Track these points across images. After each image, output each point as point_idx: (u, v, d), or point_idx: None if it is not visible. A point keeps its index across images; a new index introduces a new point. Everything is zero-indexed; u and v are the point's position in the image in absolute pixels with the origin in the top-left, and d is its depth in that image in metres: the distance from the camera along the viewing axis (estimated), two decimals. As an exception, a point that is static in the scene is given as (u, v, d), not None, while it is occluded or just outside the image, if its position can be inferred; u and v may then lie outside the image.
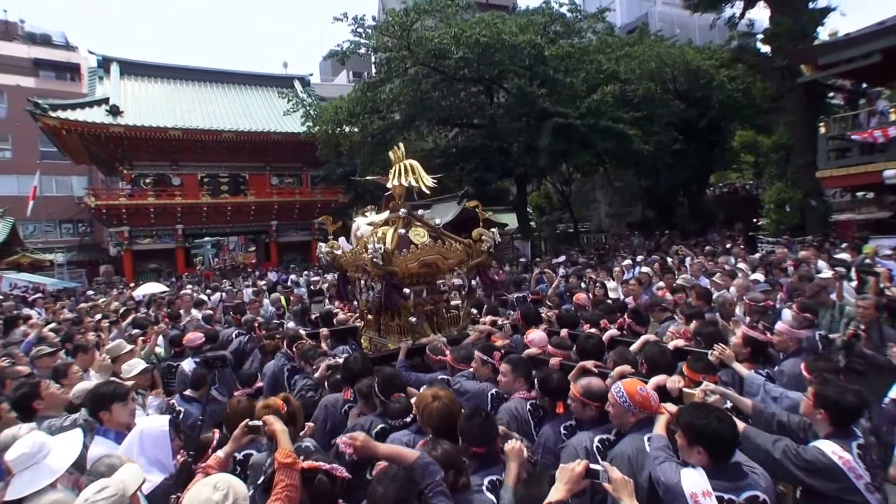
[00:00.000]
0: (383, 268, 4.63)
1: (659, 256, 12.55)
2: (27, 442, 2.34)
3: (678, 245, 15.12)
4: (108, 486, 1.94)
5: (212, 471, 2.26)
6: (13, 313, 9.95)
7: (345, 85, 36.32)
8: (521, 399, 3.18)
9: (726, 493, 2.06)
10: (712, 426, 2.13)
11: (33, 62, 33.75)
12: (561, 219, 27.32)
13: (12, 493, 2.22)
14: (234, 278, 20.19)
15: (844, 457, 2.23)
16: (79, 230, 32.72)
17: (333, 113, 19.49)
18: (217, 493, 1.78)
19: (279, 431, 2.32)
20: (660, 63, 19.70)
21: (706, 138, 21.99)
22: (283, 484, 2.03)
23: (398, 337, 4.87)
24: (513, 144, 18.82)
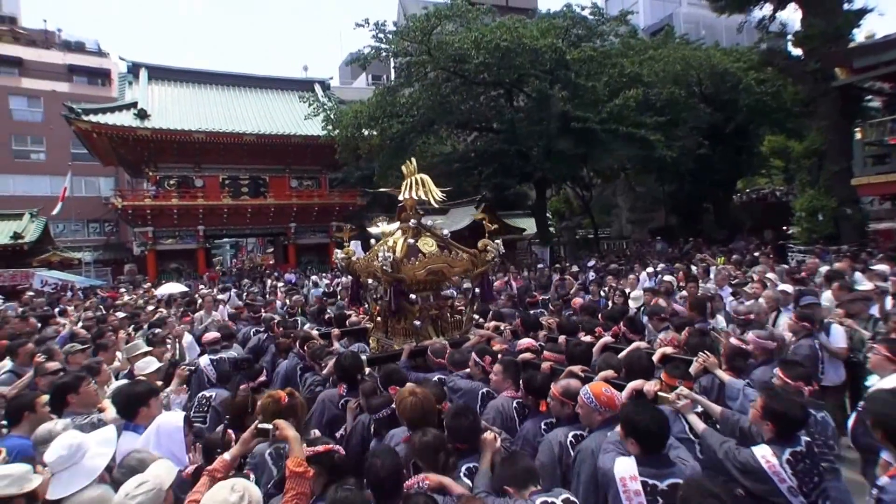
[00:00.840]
0: (392, 275, 4.93)
1: (684, 264, 12.16)
2: (65, 443, 2.40)
3: (703, 253, 14.65)
4: (146, 481, 2.06)
5: (218, 474, 2.28)
6: (45, 310, 10.28)
7: (364, 88, 36.54)
8: (508, 398, 3.45)
9: (651, 479, 2.35)
10: (644, 422, 2.42)
11: (68, 68, 34.82)
12: (581, 224, 26.89)
13: (52, 494, 2.31)
14: (253, 279, 20.37)
15: (771, 461, 2.43)
16: (105, 230, 33.59)
17: (353, 117, 19.53)
18: (234, 496, 1.85)
19: (292, 438, 2.32)
20: (685, 66, 19.22)
21: (733, 143, 21.35)
22: (294, 492, 2.09)
23: (403, 339, 5.13)
24: (532, 149, 18.55)
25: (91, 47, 37.84)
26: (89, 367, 4.36)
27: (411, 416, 2.82)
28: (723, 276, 8.60)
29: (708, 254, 14.67)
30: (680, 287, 8.59)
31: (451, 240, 5.69)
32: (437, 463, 2.48)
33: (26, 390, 4.33)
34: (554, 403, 3.06)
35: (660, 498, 2.33)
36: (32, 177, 31.80)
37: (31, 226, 24.57)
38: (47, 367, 4.57)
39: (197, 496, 2.16)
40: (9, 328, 7.70)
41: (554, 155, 18.00)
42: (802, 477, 2.44)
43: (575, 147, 17.50)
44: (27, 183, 31.52)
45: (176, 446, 2.85)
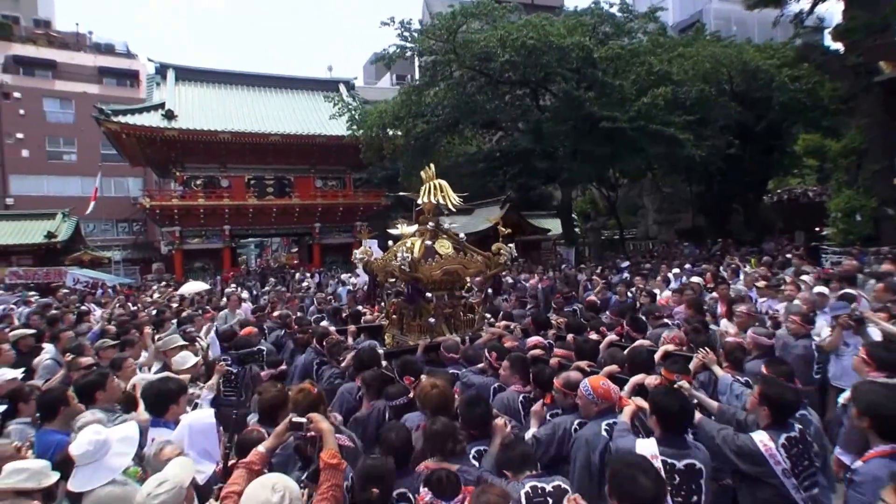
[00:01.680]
0: (409, 274, 5.27)
1: (713, 266, 11.90)
2: (90, 439, 2.46)
3: (732, 255, 14.30)
4: (166, 480, 2.10)
5: (255, 466, 2.32)
6: (78, 307, 10.58)
7: (388, 88, 36.62)
8: (515, 392, 3.71)
9: (670, 458, 2.54)
10: (665, 403, 2.66)
11: (98, 70, 35.61)
12: (606, 225, 26.51)
13: (74, 486, 2.38)
14: (278, 278, 20.52)
15: (768, 445, 2.63)
16: (133, 229, 34.25)
17: (378, 116, 19.54)
18: (275, 495, 1.87)
19: (326, 431, 2.38)
20: (715, 63, 18.76)
21: (764, 142, 20.78)
22: (329, 484, 2.15)
23: (418, 335, 5.47)
24: (558, 149, 18.33)
25: (120, 49, 38.65)
26: (113, 363, 4.54)
27: (435, 405, 3.05)
28: (752, 278, 8.45)
29: (737, 256, 14.32)
30: (708, 289, 8.47)
31: (467, 242, 6.06)
32: (445, 449, 2.67)
33: (59, 385, 4.44)
34: (557, 395, 3.35)
35: (677, 476, 2.52)
36: (64, 177, 32.60)
37: (64, 225, 25.21)
38: (81, 362, 4.75)
39: (235, 487, 2.21)
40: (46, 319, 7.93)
41: (580, 155, 17.76)
42: (795, 460, 2.67)
43: (602, 147, 17.23)
44: (59, 183, 32.34)
45: (210, 443, 2.94)
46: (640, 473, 1.99)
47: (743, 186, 21.72)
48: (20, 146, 31.76)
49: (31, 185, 31.83)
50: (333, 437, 2.40)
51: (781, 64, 19.12)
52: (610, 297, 9.07)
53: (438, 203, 5.58)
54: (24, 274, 21.35)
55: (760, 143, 20.71)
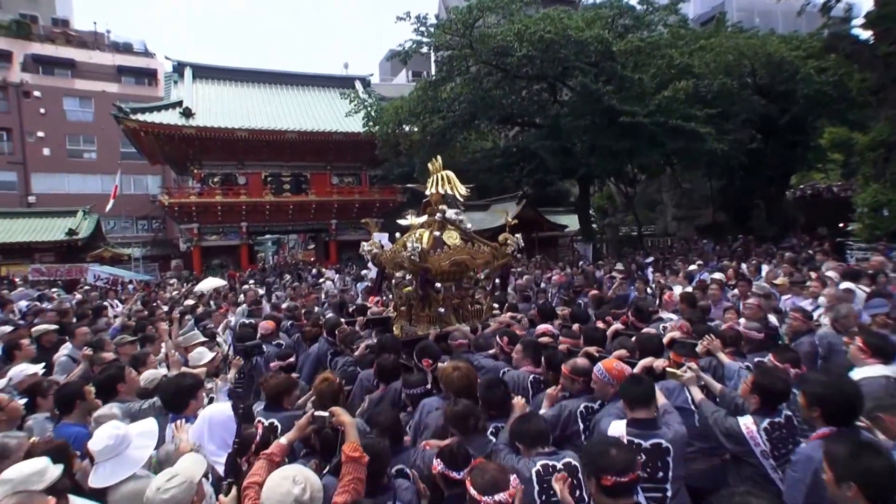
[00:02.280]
0: (420, 265, 5.37)
1: (734, 263, 11.68)
2: (109, 433, 2.48)
3: (756, 253, 14.01)
4: (177, 475, 2.11)
5: (275, 458, 2.34)
6: (97, 303, 10.63)
7: (404, 84, 36.51)
8: (525, 372, 3.91)
9: (636, 439, 2.73)
10: (633, 390, 2.87)
11: (116, 69, 35.93)
12: (624, 221, 26.17)
13: (95, 482, 2.40)
14: (293, 274, 20.58)
15: (751, 428, 2.85)
16: (153, 227, 34.62)
17: (394, 113, 19.48)
18: (297, 487, 1.89)
19: (348, 424, 2.39)
20: (737, 55, 18.37)
21: (787, 136, 20.34)
22: (350, 477, 2.16)
23: (427, 325, 5.57)
24: (576, 144, 18.11)
25: (138, 48, 38.97)
26: (135, 358, 4.57)
27: (458, 387, 3.20)
28: (773, 275, 8.31)
29: (760, 253, 14.04)
30: (730, 286, 8.29)
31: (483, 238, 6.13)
32: (467, 428, 2.83)
33: (77, 379, 4.49)
34: (565, 380, 3.45)
35: (643, 454, 2.70)
36: (85, 175, 33.04)
37: (85, 222, 25.55)
38: (104, 356, 4.83)
39: (256, 479, 2.21)
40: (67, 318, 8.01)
41: (598, 150, 17.53)
42: (776, 443, 2.85)
43: (620, 142, 16.99)
44: (80, 181, 32.77)
45: (229, 435, 2.95)
46: (611, 448, 2.21)
47: (765, 182, 21.30)
48: (41, 145, 32.26)
49: (52, 183, 32.34)
50: (355, 430, 2.41)
51: (807, 55, 18.70)
52: (629, 294, 8.91)
53: (446, 194, 5.68)
54: (47, 271, 21.71)
55: (783, 137, 20.30)
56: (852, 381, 2.78)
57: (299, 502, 1.91)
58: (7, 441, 2.64)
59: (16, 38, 33.12)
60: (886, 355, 3.52)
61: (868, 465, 1.94)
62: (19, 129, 31.91)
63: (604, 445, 2.26)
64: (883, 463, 1.95)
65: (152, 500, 2.05)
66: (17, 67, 32.54)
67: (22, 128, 31.94)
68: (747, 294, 7.02)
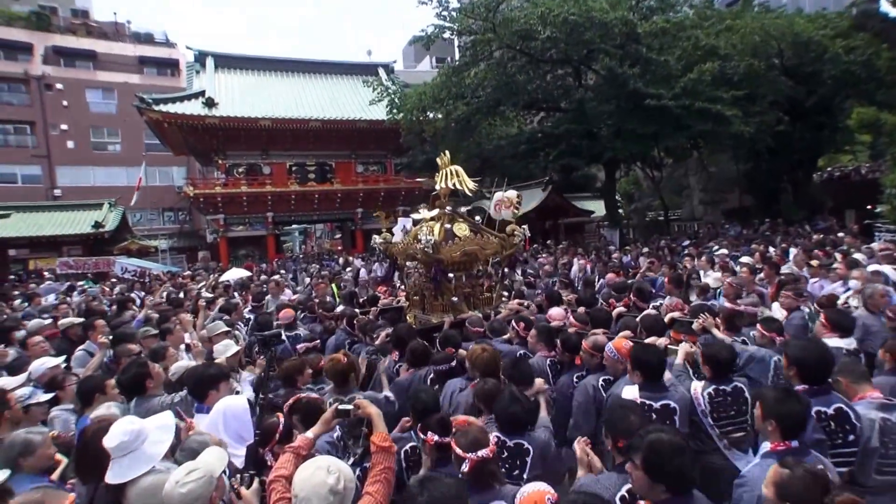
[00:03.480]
0: (433, 256, 5.64)
1: (762, 246, 11.64)
2: (125, 429, 2.40)
3: (787, 236, 13.95)
4: (196, 469, 2.08)
5: (302, 452, 2.33)
6: (123, 296, 10.86)
7: (428, 71, 36.31)
8: (542, 357, 4.25)
9: (648, 400, 3.14)
10: (645, 357, 3.24)
11: (138, 60, 36.08)
12: (650, 206, 26.03)
13: (111, 478, 2.33)
14: (320, 263, 20.83)
15: (697, 390, 3.33)
16: (179, 218, 34.93)
17: (418, 99, 19.49)
18: (331, 477, 1.90)
19: (374, 415, 2.43)
20: (764, 36, 18.13)
21: (815, 118, 20.10)
22: (382, 466, 2.20)
23: (441, 314, 5.85)
24: (601, 128, 18.03)
25: (159, 38, 39.18)
26: (155, 352, 4.60)
27: (484, 366, 3.53)
28: (801, 258, 8.26)
29: (787, 236, 13.97)
30: (758, 269, 8.17)
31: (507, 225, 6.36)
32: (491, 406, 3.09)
33: (98, 372, 4.62)
34: (585, 356, 3.88)
35: (654, 414, 3.10)
36: (109, 168, 33.30)
37: (110, 215, 25.59)
38: (129, 348, 4.82)
39: (283, 472, 2.20)
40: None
41: (624, 134, 17.47)
42: (717, 407, 3.30)
43: (646, 125, 16.91)
44: (105, 174, 33.09)
45: (244, 428, 2.95)
46: (630, 414, 2.50)
47: (792, 164, 21.11)
48: (65, 138, 32.53)
49: (77, 176, 32.62)
50: (382, 420, 2.44)
51: (835, 34, 18.41)
52: (656, 279, 8.83)
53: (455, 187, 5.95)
54: (75, 264, 21.90)
55: (811, 118, 20.06)
56: (824, 346, 3.20)
57: (334, 492, 1.89)
58: (31, 437, 2.67)
59: (36, 30, 33.27)
60: (844, 330, 4.03)
61: (786, 408, 2.42)
62: (42, 123, 32.13)
63: (623, 411, 2.55)
64: (798, 408, 2.43)
65: (171, 494, 2.02)
66: (39, 60, 32.71)
67: (45, 121, 32.16)
68: (774, 278, 7.01)
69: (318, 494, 1.87)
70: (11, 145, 32.21)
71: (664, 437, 2.05)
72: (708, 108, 16.16)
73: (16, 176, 31.75)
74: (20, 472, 2.57)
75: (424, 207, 6.78)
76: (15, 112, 32.06)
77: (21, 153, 31.92)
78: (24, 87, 32.36)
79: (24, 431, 2.74)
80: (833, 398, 2.93)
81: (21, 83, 32.23)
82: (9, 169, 31.51)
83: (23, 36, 32.64)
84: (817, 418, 2.82)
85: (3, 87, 32.26)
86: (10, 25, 32.78)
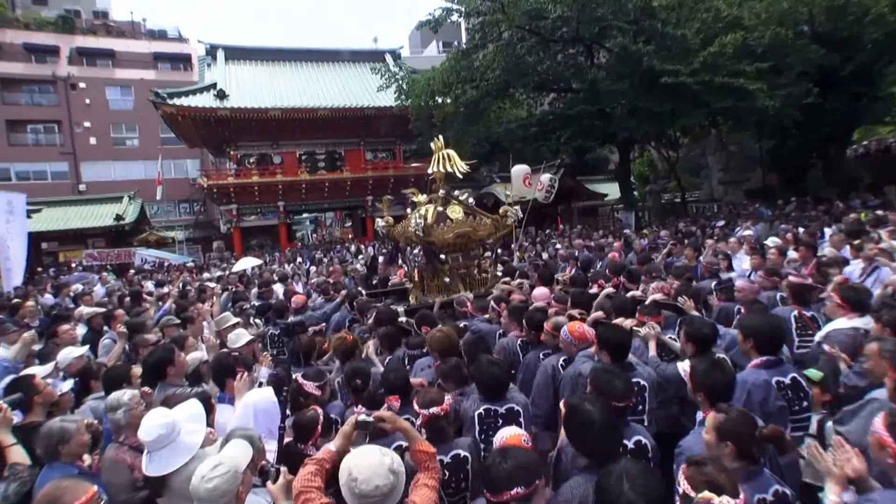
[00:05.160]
0: (423, 238, 5.93)
1: (792, 226, 10.94)
2: (160, 422, 2.46)
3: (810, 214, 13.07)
4: (221, 463, 2.07)
5: (326, 465, 2.21)
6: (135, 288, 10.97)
7: (435, 56, 35.79)
8: (514, 337, 4.39)
9: None
10: (610, 337, 3.29)
11: (153, 56, 36.70)
12: (666, 188, 25.09)
13: (152, 470, 2.42)
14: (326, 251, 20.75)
15: (687, 370, 2.99)
16: (194, 209, 35.54)
17: (426, 84, 19.05)
18: (387, 458, 1.92)
19: (405, 427, 2.42)
20: (793, 2, 16.95)
21: (850, 87, 18.75)
22: (437, 469, 2.24)
23: (437, 294, 6.11)
24: (615, 108, 17.31)
25: (172, 34, 39.63)
26: (175, 341, 4.62)
27: (440, 347, 3.75)
28: (839, 238, 7.66)
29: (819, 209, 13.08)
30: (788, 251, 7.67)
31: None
32: (456, 382, 3.36)
33: (121, 361, 4.70)
34: (547, 336, 3.97)
35: None
36: (128, 162, 34.13)
37: (130, 207, 26.41)
38: (147, 338, 4.91)
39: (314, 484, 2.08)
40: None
41: (639, 113, 16.72)
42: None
43: (662, 104, 16.13)
44: (124, 168, 33.89)
45: (272, 423, 2.95)
46: (614, 377, 2.61)
47: (822, 139, 19.84)
48: (88, 134, 33.54)
49: (99, 171, 33.64)
50: (414, 429, 2.45)
51: (879, -7, 16.98)
52: (673, 261, 8.44)
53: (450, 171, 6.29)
54: (99, 255, 22.69)
55: (845, 88, 18.71)
56: (776, 318, 3.40)
57: (392, 471, 1.90)
58: (66, 425, 2.69)
59: (62, 33, 34.32)
60: (861, 308, 3.81)
61: (712, 379, 2.63)
62: (68, 121, 33.25)
63: (609, 375, 2.65)
64: (724, 379, 2.65)
65: (196, 489, 2.02)
66: (64, 61, 33.76)
67: (70, 119, 33.24)
68: (811, 259, 6.55)
69: (378, 473, 1.86)
70: (42, 144, 33.56)
71: (587, 406, 2.22)
72: (729, 82, 15.33)
73: (46, 173, 33.08)
74: (58, 459, 2.63)
75: (417, 192, 7.03)
76: (45, 112, 33.36)
77: (50, 151, 33.28)
78: (52, 88, 33.52)
79: (58, 420, 2.78)
80: (788, 368, 3.07)
81: (49, 84, 33.46)
82: (40, 166, 32.95)
83: (51, 39, 33.82)
84: (777, 388, 2.94)
85: (34, 88, 33.61)
86: (42, 30, 34.09)
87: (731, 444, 2.10)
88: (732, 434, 2.10)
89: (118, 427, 2.93)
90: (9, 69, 32.36)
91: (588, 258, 9.49)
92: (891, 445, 1.92)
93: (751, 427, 2.13)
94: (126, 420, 2.89)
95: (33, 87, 33.53)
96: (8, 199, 11.81)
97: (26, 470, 2.64)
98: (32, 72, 33.16)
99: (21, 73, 32.79)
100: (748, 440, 2.10)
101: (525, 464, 1.93)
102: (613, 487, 1.75)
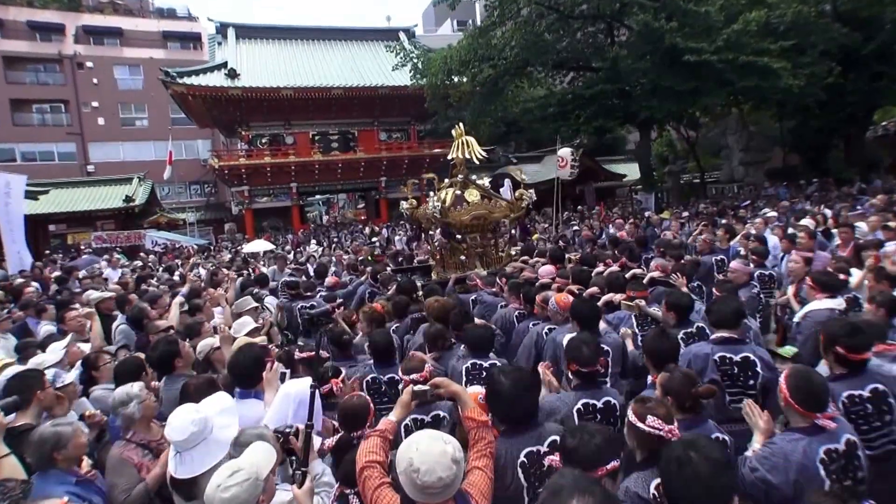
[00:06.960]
0: (440, 220, 6.47)
1: (816, 208, 10.86)
2: (192, 419, 2.28)
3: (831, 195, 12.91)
4: (240, 470, 1.88)
5: (389, 436, 2.22)
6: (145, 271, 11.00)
7: (449, 35, 35.27)
8: (513, 308, 4.90)
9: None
10: (580, 309, 3.73)
11: (162, 35, 36.20)
12: (685, 169, 24.84)
13: (183, 472, 2.23)
14: (343, 233, 20.70)
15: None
16: (205, 191, 35.36)
17: (443, 62, 18.78)
18: (449, 446, 1.82)
19: (460, 392, 2.37)
20: (815, -21, 16.61)
21: (872, 67, 18.50)
22: (486, 441, 2.17)
23: (455, 271, 6.63)
24: (636, 87, 17.03)
25: (181, 12, 39.14)
26: (189, 327, 4.54)
27: (435, 315, 4.26)
28: (876, 220, 7.48)
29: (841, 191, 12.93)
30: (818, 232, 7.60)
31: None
32: (437, 345, 3.83)
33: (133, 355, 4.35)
34: (538, 308, 4.40)
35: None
36: (138, 143, 33.76)
37: (140, 189, 26.06)
38: (158, 325, 4.74)
39: (374, 457, 2.07)
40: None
41: (660, 92, 16.46)
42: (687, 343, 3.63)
43: (684, 82, 15.86)
44: (134, 149, 33.56)
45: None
46: (584, 345, 2.88)
47: (843, 119, 19.60)
48: (96, 115, 33.13)
49: (108, 152, 33.26)
50: (468, 395, 2.38)
51: (902, -29, 16.65)
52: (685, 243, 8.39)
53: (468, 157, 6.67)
54: (109, 238, 22.55)
55: (866, 68, 18.46)
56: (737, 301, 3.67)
57: (455, 460, 1.81)
58: (60, 429, 2.48)
59: (67, 11, 33.80)
60: (833, 290, 4.13)
61: (656, 345, 3.02)
62: (75, 101, 32.81)
63: (579, 342, 2.93)
64: (667, 345, 3.03)
65: (212, 498, 1.83)
66: (70, 39, 33.24)
67: (77, 99, 32.81)
68: (849, 240, 6.51)
69: (441, 464, 1.77)
70: (48, 124, 33.06)
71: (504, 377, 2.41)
72: (753, 61, 15.02)
73: (53, 153, 32.63)
74: (54, 466, 2.45)
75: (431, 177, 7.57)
76: (51, 91, 32.90)
77: (57, 131, 32.75)
78: (59, 67, 33.01)
79: (50, 424, 2.56)
80: (743, 348, 3.27)
81: (55, 63, 32.92)
82: (47, 147, 32.47)
83: (56, 17, 33.25)
84: (721, 362, 3.19)
85: (39, 67, 33.07)
86: (46, 8, 33.49)
87: (671, 398, 2.46)
88: (673, 390, 2.48)
89: (132, 421, 2.76)
90: (12, 47, 31.77)
91: (645, 235, 9.59)
92: (783, 391, 2.34)
93: (689, 385, 2.47)
94: (140, 413, 2.75)
95: (38, 65, 33.00)
96: (6, 181, 11.69)
97: (18, 486, 2.32)
98: (37, 50, 32.59)
99: (26, 52, 32.19)
100: (686, 395, 2.45)
101: (612, 437, 2.07)
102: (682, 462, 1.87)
